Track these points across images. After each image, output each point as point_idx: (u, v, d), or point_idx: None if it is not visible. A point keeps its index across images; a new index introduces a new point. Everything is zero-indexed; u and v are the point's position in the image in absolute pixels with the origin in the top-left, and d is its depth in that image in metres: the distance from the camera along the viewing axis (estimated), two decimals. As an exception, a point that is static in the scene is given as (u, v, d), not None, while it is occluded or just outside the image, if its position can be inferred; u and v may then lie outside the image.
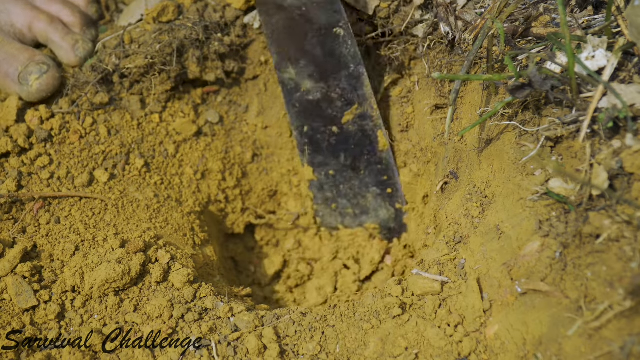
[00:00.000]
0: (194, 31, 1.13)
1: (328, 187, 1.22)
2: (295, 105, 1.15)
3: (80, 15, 1.15)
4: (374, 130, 1.14)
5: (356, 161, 1.18)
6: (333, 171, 1.20)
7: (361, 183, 1.20)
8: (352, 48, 1.07)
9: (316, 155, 1.19)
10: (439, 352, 0.81)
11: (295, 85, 1.13)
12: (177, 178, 1.18)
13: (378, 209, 1.22)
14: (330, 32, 1.06)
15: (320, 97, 1.12)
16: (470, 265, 0.86)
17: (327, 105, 1.13)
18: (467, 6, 1.05)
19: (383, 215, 1.22)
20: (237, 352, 0.86)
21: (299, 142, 1.19)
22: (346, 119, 1.13)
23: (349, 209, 1.23)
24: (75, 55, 1.12)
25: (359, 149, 1.16)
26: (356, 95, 1.11)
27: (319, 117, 1.15)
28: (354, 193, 1.21)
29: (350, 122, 1.14)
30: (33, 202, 1.03)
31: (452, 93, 0.97)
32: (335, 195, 1.22)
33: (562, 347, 0.73)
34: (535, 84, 0.82)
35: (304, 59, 1.10)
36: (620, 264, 0.72)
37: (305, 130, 1.17)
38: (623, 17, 0.87)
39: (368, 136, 1.15)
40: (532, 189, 0.82)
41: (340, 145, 1.17)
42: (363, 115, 1.13)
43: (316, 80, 1.11)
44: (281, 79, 1.13)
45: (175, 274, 0.94)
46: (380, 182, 1.19)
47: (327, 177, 1.21)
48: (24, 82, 1.08)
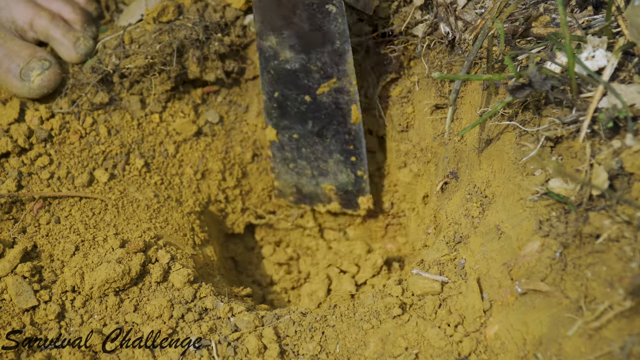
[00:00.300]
0: (194, 31, 1.13)
1: (289, 148, 1.20)
2: (270, 72, 1.12)
3: (81, 12, 1.16)
4: (348, 103, 1.12)
5: (324, 129, 1.16)
6: (297, 135, 1.18)
7: (325, 149, 1.18)
8: (341, 25, 1.04)
9: (282, 119, 1.17)
10: (439, 352, 0.81)
11: (274, 53, 1.10)
12: (177, 178, 1.18)
13: (338, 173, 1.20)
14: (322, 8, 1.03)
15: (299, 67, 1.10)
16: (470, 265, 0.86)
17: (304, 75, 1.11)
18: (467, 6, 1.05)
19: (342, 179, 1.21)
20: (237, 352, 0.86)
21: (267, 105, 1.16)
22: (322, 90, 1.11)
23: (307, 170, 1.21)
24: (76, 52, 1.12)
25: (329, 118, 1.15)
26: (336, 69, 1.09)
27: (292, 85, 1.12)
28: (315, 157, 1.19)
29: (325, 94, 1.12)
30: (33, 202, 1.03)
31: (452, 93, 0.97)
32: (296, 156, 1.20)
33: (562, 347, 0.73)
34: (535, 84, 0.82)
35: (288, 29, 1.06)
36: (620, 264, 0.72)
37: (275, 95, 1.14)
38: (623, 17, 0.87)
39: (341, 109, 1.13)
40: (532, 189, 0.82)
41: (310, 113, 1.15)
42: (340, 89, 1.11)
43: (297, 52, 1.09)
44: (260, 46, 1.10)
45: (175, 274, 0.94)
46: (345, 150, 1.17)
47: (289, 140, 1.19)
48: (25, 78, 1.08)
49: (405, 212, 1.26)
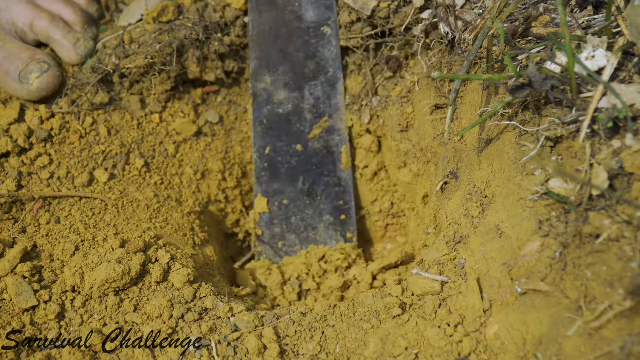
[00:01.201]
0: (194, 31, 1.13)
1: (278, 221, 1.20)
2: (263, 122, 1.13)
3: (81, 13, 1.16)
4: (339, 145, 1.13)
5: (314, 185, 1.16)
6: (287, 200, 1.18)
7: (315, 211, 1.18)
8: (335, 49, 1.06)
9: (272, 183, 1.18)
10: (439, 352, 0.81)
11: (267, 96, 1.11)
12: (177, 178, 1.18)
13: (328, 240, 1.21)
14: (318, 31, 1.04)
15: (291, 109, 1.11)
16: (470, 265, 0.86)
17: (297, 119, 1.12)
18: (466, 6, 1.05)
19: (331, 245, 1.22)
20: (237, 352, 0.86)
21: (257, 166, 1.16)
22: (314, 133, 1.12)
23: (296, 247, 1.21)
24: (76, 53, 1.12)
25: (320, 170, 1.15)
26: (329, 104, 1.10)
27: (285, 134, 1.13)
28: (305, 225, 1.20)
29: (317, 138, 1.12)
30: (33, 202, 1.03)
31: (452, 93, 0.97)
32: (285, 230, 1.20)
33: (562, 347, 0.73)
34: (535, 84, 0.82)
35: (283, 65, 1.08)
36: (620, 264, 0.72)
37: (267, 152, 1.15)
38: (623, 17, 0.87)
39: (332, 153, 1.14)
40: (532, 189, 0.82)
41: (302, 166, 1.15)
42: (331, 129, 1.12)
43: (291, 90, 1.10)
44: (254, 91, 1.11)
45: (175, 274, 0.94)
46: (335, 207, 1.18)
47: (279, 209, 1.19)
48: (24, 81, 1.08)
49: (405, 212, 1.26)
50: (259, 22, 1.06)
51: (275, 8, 1.04)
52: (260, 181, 1.17)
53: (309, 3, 1.03)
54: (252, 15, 1.06)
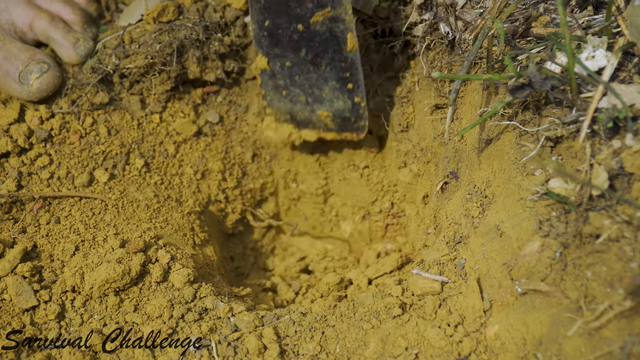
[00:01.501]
0: (194, 31, 1.13)
1: (281, 76, 1.15)
2: (260, 1, 1.08)
3: (81, 13, 1.16)
4: (343, 32, 1.08)
5: (318, 57, 1.12)
6: (290, 63, 1.13)
7: (319, 77, 1.14)
8: None
9: (273, 48, 1.12)
10: (439, 352, 0.81)
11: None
12: (177, 178, 1.18)
13: (334, 99, 1.16)
14: None
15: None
16: (470, 265, 0.86)
17: (297, 5, 1.06)
18: (466, 6, 1.05)
19: (338, 105, 1.17)
20: (237, 352, 0.86)
21: (257, 34, 1.11)
22: (315, 19, 1.07)
23: (301, 97, 1.17)
24: (76, 53, 1.12)
25: (323, 46, 1.10)
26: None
27: (284, 14, 1.08)
28: (309, 84, 1.15)
29: (319, 23, 1.07)
30: (33, 202, 1.03)
31: (452, 93, 0.97)
32: (288, 83, 1.16)
33: (562, 347, 0.73)
34: (535, 84, 0.82)
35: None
36: (620, 264, 0.72)
37: (266, 24, 1.10)
38: (623, 17, 0.87)
39: (336, 37, 1.09)
40: (532, 189, 0.82)
41: (304, 41, 1.10)
42: (335, 18, 1.07)
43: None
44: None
45: (175, 274, 0.94)
46: (341, 77, 1.13)
47: (281, 68, 1.14)
48: (24, 81, 1.08)
49: (405, 212, 1.25)
50: None
51: None
52: (260, 45, 1.12)
53: None
54: None
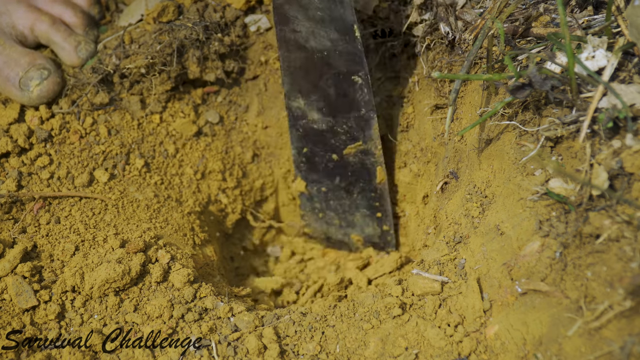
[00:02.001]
0: (194, 31, 1.13)
1: (318, 199, 1.23)
2: (299, 130, 1.15)
3: (82, 15, 1.15)
4: (373, 165, 1.15)
5: (351, 185, 1.18)
6: (326, 189, 1.21)
7: (352, 203, 1.21)
8: (367, 96, 1.07)
9: (311, 173, 1.20)
10: (439, 352, 0.81)
11: (302, 113, 1.13)
12: (177, 178, 1.18)
13: (365, 226, 1.23)
14: (348, 79, 1.06)
15: (326, 128, 1.13)
16: (470, 265, 0.86)
17: (331, 135, 1.14)
18: (467, 6, 1.05)
19: (369, 232, 1.23)
20: (237, 352, 0.86)
21: (296, 159, 1.19)
22: (348, 151, 1.14)
23: (335, 220, 1.24)
24: (77, 56, 1.12)
25: (355, 177, 1.17)
26: (362, 134, 1.12)
27: (320, 143, 1.15)
28: (343, 210, 1.22)
29: (352, 155, 1.15)
30: (33, 202, 1.03)
31: (452, 93, 0.97)
32: (324, 207, 1.23)
33: (562, 347, 0.73)
34: (535, 84, 0.82)
35: (315, 94, 1.09)
36: (620, 264, 0.72)
37: (304, 151, 1.17)
38: (623, 17, 0.87)
39: (367, 169, 1.16)
40: (532, 189, 0.82)
41: (338, 170, 1.17)
42: (366, 152, 1.14)
43: (324, 115, 1.11)
44: (289, 106, 1.12)
45: (175, 274, 0.94)
46: (371, 206, 1.20)
47: (318, 192, 1.22)
48: (24, 88, 1.07)
49: (405, 212, 1.26)
50: (289, 57, 1.06)
51: (304, 50, 1.04)
52: (300, 169, 1.19)
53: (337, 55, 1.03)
54: (281, 51, 1.06)
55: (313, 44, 1.03)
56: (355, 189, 1.18)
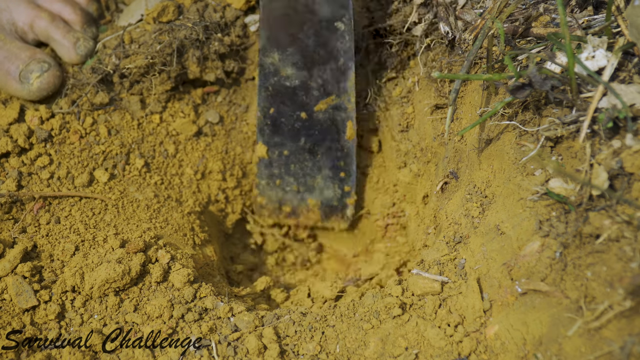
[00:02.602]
0: (194, 31, 1.13)
1: (277, 164, 1.20)
2: (268, 89, 1.13)
3: (81, 13, 1.16)
4: (344, 120, 1.13)
5: (316, 146, 1.16)
6: (288, 151, 1.19)
7: (314, 165, 1.19)
8: (348, 43, 1.05)
9: (274, 136, 1.18)
10: (439, 352, 0.81)
11: (274, 70, 1.11)
12: (177, 178, 1.18)
13: (325, 188, 1.20)
14: (331, 25, 1.04)
15: (298, 84, 1.11)
16: (470, 265, 0.86)
17: (303, 93, 1.12)
18: (467, 6, 1.05)
19: (328, 195, 1.21)
20: (237, 352, 0.86)
21: (260, 122, 1.17)
22: (319, 107, 1.12)
23: (293, 186, 1.22)
24: (76, 53, 1.12)
25: (322, 135, 1.15)
26: (337, 87, 1.10)
27: (290, 101, 1.13)
28: (303, 173, 1.20)
29: (322, 111, 1.13)
30: (33, 202, 1.03)
31: (452, 93, 0.97)
32: (283, 172, 1.21)
33: (562, 347, 0.73)
34: (535, 84, 0.82)
35: (292, 46, 1.07)
36: (620, 264, 0.72)
37: (270, 112, 1.15)
38: (623, 17, 0.87)
39: (336, 125, 1.14)
40: (532, 189, 0.82)
41: (304, 130, 1.16)
42: (338, 106, 1.12)
43: (299, 69, 1.09)
44: (261, 62, 1.11)
45: (175, 274, 0.94)
46: (335, 166, 1.18)
47: (279, 156, 1.19)
48: (24, 81, 1.08)
49: (405, 212, 1.26)
50: (270, 7, 1.05)
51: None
52: (262, 133, 1.18)
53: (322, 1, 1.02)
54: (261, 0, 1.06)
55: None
56: (320, 148, 1.17)
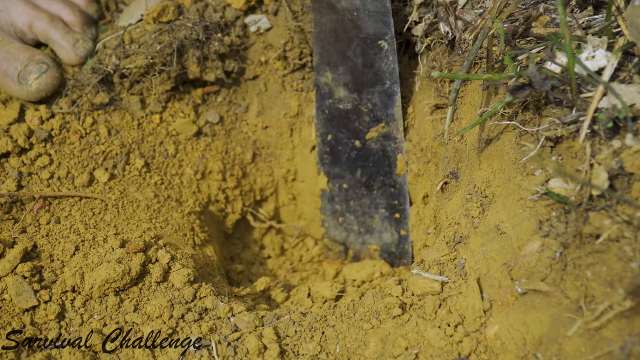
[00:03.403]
0: (194, 31, 1.13)
1: (339, 200, 1.23)
2: (325, 112, 1.16)
3: (80, 14, 1.16)
4: (394, 152, 1.16)
5: (371, 179, 1.19)
6: (347, 185, 1.21)
7: (372, 202, 1.21)
8: (392, 64, 1.08)
9: (334, 166, 1.20)
10: (439, 352, 0.81)
11: (329, 90, 1.14)
12: (177, 178, 1.18)
13: (383, 231, 1.22)
14: (375, 44, 1.07)
15: (351, 107, 1.14)
16: (470, 265, 0.86)
17: (356, 117, 1.14)
18: (467, 6, 1.05)
19: (386, 239, 1.23)
20: (237, 352, 0.86)
21: (320, 149, 1.20)
22: (371, 135, 1.15)
23: (354, 226, 1.24)
24: (75, 54, 1.12)
25: (376, 168, 1.18)
26: (385, 113, 1.12)
27: (344, 127, 1.16)
28: (362, 211, 1.22)
29: (374, 139, 1.15)
30: (33, 202, 1.03)
31: (452, 93, 0.97)
32: (344, 209, 1.23)
33: (562, 347, 0.73)
34: (535, 84, 0.82)
35: (343, 65, 1.10)
36: (620, 264, 0.72)
37: (329, 139, 1.18)
38: (623, 17, 0.87)
39: (388, 157, 1.16)
40: (532, 189, 0.82)
41: (360, 160, 1.18)
42: (387, 135, 1.14)
43: (350, 90, 1.12)
44: (317, 82, 1.14)
45: (175, 274, 0.94)
46: (390, 205, 1.20)
47: (339, 190, 1.22)
48: (23, 82, 1.08)
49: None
50: (320, 22, 1.08)
51: (335, 12, 1.06)
52: (323, 162, 1.20)
53: (367, 15, 1.05)
54: (314, 14, 1.09)
55: (344, 3, 1.05)
56: (375, 183, 1.18)
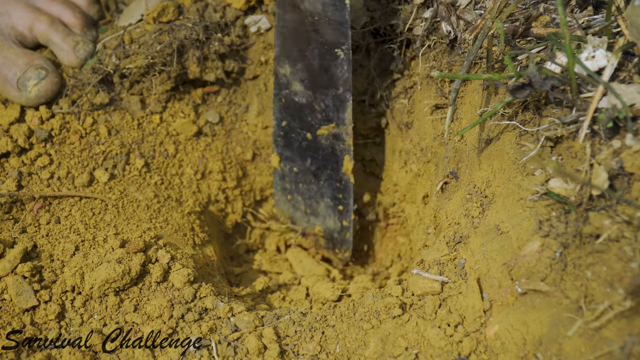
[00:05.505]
0: (194, 31, 1.13)
1: (288, 180, 1.23)
2: (282, 100, 1.16)
3: (81, 16, 1.15)
4: (342, 152, 1.16)
5: (319, 171, 1.20)
6: (297, 169, 1.21)
7: (318, 190, 1.22)
8: (346, 73, 1.09)
9: (286, 150, 1.21)
10: (439, 352, 0.81)
11: (286, 82, 1.14)
12: (177, 178, 1.18)
13: (327, 217, 1.23)
14: (332, 51, 1.08)
15: (305, 102, 1.14)
16: (470, 265, 0.86)
17: (309, 112, 1.15)
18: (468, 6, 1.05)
19: (329, 225, 1.24)
20: (237, 352, 0.86)
21: (275, 132, 1.20)
22: (322, 132, 1.16)
23: (301, 206, 1.25)
24: (76, 56, 1.12)
25: (324, 162, 1.19)
26: (337, 116, 1.13)
27: (298, 118, 1.17)
28: (309, 195, 1.23)
29: (324, 137, 1.16)
30: (33, 202, 1.03)
31: (452, 92, 0.97)
32: (293, 189, 1.24)
33: (562, 347, 0.73)
34: (535, 84, 0.82)
35: (301, 62, 1.11)
36: (620, 264, 0.72)
37: (283, 124, 1.18)
38: (623, 17, 0.87)
39: (336, 155, 1.17)
40: (532, 189, 0.82)
41: (310, 151, 1.19)
42: (337, 136, 1.15)
43: (306, 87, 1.13)
44: (276, 71, 1.14)
45: (175, 274, 0.94)
46: (335, 197, 1.21)
47: (290, 172, 1.22)
48: (22, 88, 1.07)
49: (405, 212, 1.26)
50: (284, 18, 1.09)
51: (298, 12, 1.07)
52: (277, 144, 1.21)
53: (326, 22, 1.05)
54: (277, 9, 1.10)
55: (307, 5, 1.06)
56: (322, 174, 1.19)
